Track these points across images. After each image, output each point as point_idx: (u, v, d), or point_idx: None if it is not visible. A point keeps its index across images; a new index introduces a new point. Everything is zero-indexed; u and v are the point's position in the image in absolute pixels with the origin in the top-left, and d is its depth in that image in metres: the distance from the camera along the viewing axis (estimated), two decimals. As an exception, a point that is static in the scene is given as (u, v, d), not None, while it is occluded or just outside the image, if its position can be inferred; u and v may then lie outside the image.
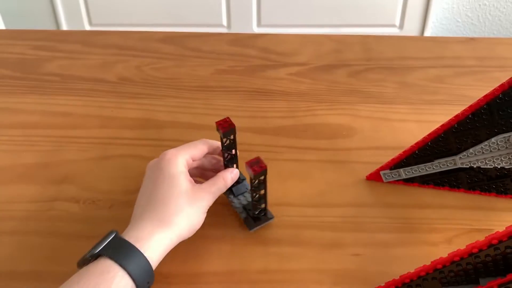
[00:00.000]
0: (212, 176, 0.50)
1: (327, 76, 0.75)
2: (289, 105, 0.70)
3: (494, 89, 0.47)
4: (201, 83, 0.74)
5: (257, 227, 0.51)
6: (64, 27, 1.71)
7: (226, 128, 0.49)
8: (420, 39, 0.99)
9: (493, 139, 0.50)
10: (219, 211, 0.54)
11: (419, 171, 0.55)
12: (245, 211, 0.52)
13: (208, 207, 0.47)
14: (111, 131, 0.64)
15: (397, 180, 0.56)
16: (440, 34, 1.73)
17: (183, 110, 0.69)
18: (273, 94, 0.72)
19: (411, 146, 0.53)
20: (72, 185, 0.57)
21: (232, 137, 0.50)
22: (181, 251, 0.50)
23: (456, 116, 0.50)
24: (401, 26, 1.68)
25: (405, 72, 0.77)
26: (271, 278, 0.47)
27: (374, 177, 0.57)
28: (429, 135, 0.52)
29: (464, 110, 0.49)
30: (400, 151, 0.55)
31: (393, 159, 0.55)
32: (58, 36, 0.88)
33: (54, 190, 0.56)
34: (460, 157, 0.52)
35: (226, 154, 0.52)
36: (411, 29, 1.68)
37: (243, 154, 0.61)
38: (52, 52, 0.82)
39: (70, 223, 0.52)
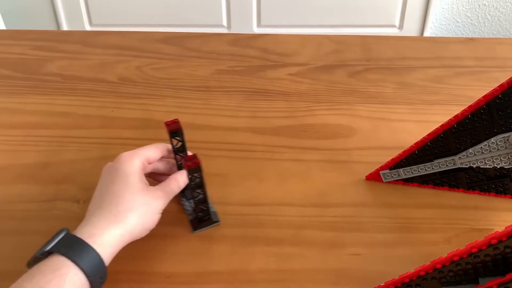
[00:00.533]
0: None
1: (326, 76, 0.76)
2: (289, 105, 0.70)
3: (494, 89, 0.47)
4: (201, 83, 0.74)
5: (201, 229, 0.51)
6: (64, 27, 1.71)
7: (173, 128, 0.50)
8: (420, 40, 0.99)
9: (492, 139, 0.50)
10: (218, 210, 0.54)
11: (419, 171, 0.55)
12: (194, 213, 0.52)
13: (162, 209, 0.48)
14: (111, 131, 0.64)
15: (397, 180, 0.56)
16: (439, 35, 1.73)
17: (183, 110, 0.69)
18: (273, 94, 0.72)
19: (411, 146, 0.53)
20: (72, 185, 0.57)
21: (180, 138, 0.51)
22: (182, 251, 0.50)
23: (456, 116, 0.50)
24: (400, 27, 1.68)
25: (405, 72, 0.77)
26: (271, 278, 0.47)
27: (374, 177, 0.57)
28: (428, 135, 0.52)
29: (464, 110, 0.49)
30: (399, 151, 0.55)
31: (392, 159, 0.55)
32: (58, 36, 0.88)
33: (54, 190, 0.56)
34: (460, 157, 0.52)
35: (178, 157, 0.52)
36: (410, 29, 1.68)
37: (243, 154, 0.61)
38: (52, 52, 0.82)
39: (70, 223, 0.52)
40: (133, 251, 0.49)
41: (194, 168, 0.46)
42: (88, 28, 1.70)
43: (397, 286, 0.42)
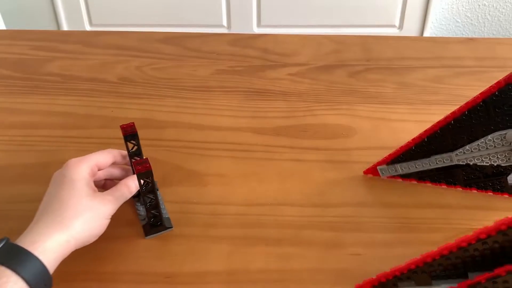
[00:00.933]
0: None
1: (326, 76, 0.76)
2: (289, 105, 0.70)
3: (491, 86, 0.47)
4: (201, 83, 0.74)
5: (153, 235, 0.51)
6: (64, 27, 1.71)
7: (128, 132, 0.50)
8: (420, 40, 0.99)
9: (489, 137, 0.49)
10: (219, 211, 0.54)
11: (416, 167, 0.55)
12: (147, 218, 0.51)
13: (111, 214, 0.47)
14: (111, 131, 0.64)
15: (394, 176, 0.56)
16: (439, 35, 1.73)
17: (183, 110, 0.69)
18: (273, 94, 0.72)
19: (408, 142, 0.54)
20: (72, 185, 0.57)
21: (136, 142, 0.51)
22: (182, 251, 0.50)
23: (453, 113, 0.50)
24: (400, 27, 1.68)
25: (405, 73, 0.77)
26: (271, 278, 0.47)
27: (371, 172, 0.57)
28: (425, 131, 0.52)
29: (461, 107, 0.49)
30: (399, 151, 0.55)
31: (390, 154, 0.55)
32: (58, 36, 0.88)
33: (54, 190, 0.56)
34: (457, 154, 0.52)
35: (133, 161, 0.52)
36: (410, 29, 1.68)
37: (243, 154, 0.61)
38: (52, 52, 0.82)
39: (70, 223, 0.52)
40: (132, 251, 0.49)
41: (144, 172, 0.45)
42: (88, 28, 1.70)
43: (388, 279, 0.42)
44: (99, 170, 0.50)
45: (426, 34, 1.68)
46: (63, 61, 0.80)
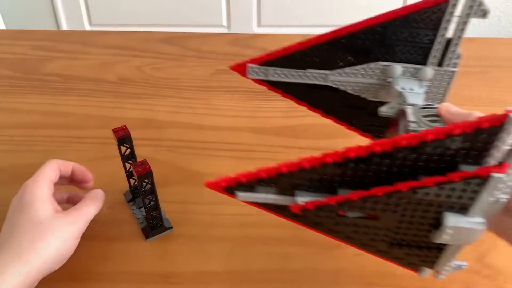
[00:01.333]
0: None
1: (327, 76, 0.75)
2: (289, 105, 0.69)
3: (397, 9, 0.43)
4: (201, 83, 0.74)
5: (153, 237, 0.51)
6: (64, 27, 1.71)
7: (121, 135, 0.49)
8: (420, 39, 0.99)
9: (371, 65, 0.46)
10: (219, 211, 0.54)
11: (289, 76, 0.49)
12: (146, 221, 0.51)
13: (80, 232, 0.44)
14: (111, 131, 0.64)
15: (262, 80, 0.50)
16: (440, 34, 1.73)
17: (183, 110, 0.69)
18: (273, 94, 0.72)
19: (293, 45, 0.47)
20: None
21: (129, 145, 0.50)
22: (182, 251, 0.50)
23: (349, 26, 0.45)
24: (401, 26, 1.67)
25: (405, 72, 0.77)
26: (272, 278, 0.47)
27: (239, 69, 0.50)
28: (315, 38, 0.46)
29: (360, 22, 0.45)
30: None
31: (267, 54, 0.48)
32: (58, 36, 0.88)
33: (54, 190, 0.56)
34: (333, 74, 0.47)
35: (127, 164, 0.51)
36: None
37: (243, 154, 0.61)
38: (52, 52, 0.82)
39: (70, 223, 0.52)
40: (132, 251, 0.49)
41: (144, 174, 0.45)
42: (88, 28, 1.70)
43: (249, 180, 0.38)
44: (53, 185, 0.47)
45: (426, 34, 1.68)
46: (63, 61, 0.80)
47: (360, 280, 0.47)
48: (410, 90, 0.44)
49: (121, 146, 0.50)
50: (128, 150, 0.51)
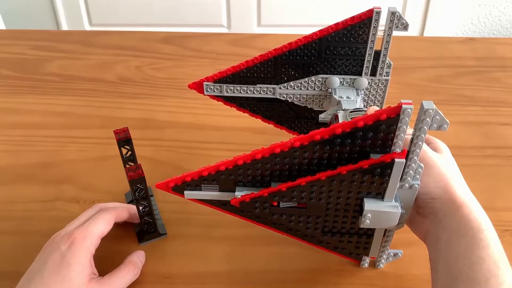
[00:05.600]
0: None
1: (327, 76, 0.75)
2: (289, 105, 0.69)
3: (329, 26, 0.48)
4: (201, 83, 0.74)
5: (146, 242, 0.50)
6: (64, 27, 1.70)
7: (122, 137, 0.49)
8: (420, 39, 0.99)
9: (312, 78, 0.50)
10: (219, 211, 0.54)
11: (241, 92, 0.53)
12: (140, 225, 0.50)
13: None
14: (111, 131, 0.64)
15: (218, 96, 0.54)
16: (440, 34, 1.73)
17: (183, 110, 0.69)
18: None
19: (240, 63, 0.51)
20: (72, 185, 0.57)
21: (130, 147, 0.50)
22: (182, 251, 0.50)
23: (290, 43, 0.49)
24: (401, 26, 1.67)
25: (405, 72, 0.77)
26: (272, 278, 0.47)
27: (196, 87, 0.54)
28: (260, 56, 0.51)
29: (298, 39, 0.49)
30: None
31: (220, 72, 0.52)
32: (58, 36, 0.88)
33: (54, 190, 0.56)
34: (280, 87, 0.52)
35: (128, 166, 0.51)
36: (411, 29, 1.68)
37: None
38: (52, 52, 0.82)
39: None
40: (132, 251, 0.49)
41: (137, 179, 0.45)
42: (88, 28, 1.70)
43: (194, 178, 0.41)
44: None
45: (427, 33, 1.68)
46: (63, 61, 0.80)
47: (361, 280, 0.47)
48: (347, 98, 0.49)
49: (122, 148, 0.50)
50: (129, 152, 0.51)
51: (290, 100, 0.52)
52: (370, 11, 0.47)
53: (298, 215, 0.42)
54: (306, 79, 0.50)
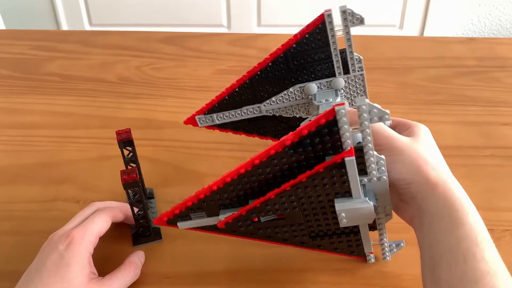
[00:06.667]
0: None
1: (327, 76, 0.75)
2: (289, 105, 0.69)
3: (289, 39, 0.49)
4: (201, 83, 0.74)
5: (140, 245, 0.50)
6: (64, 27, 1.71)
7: (124, 138, 0.49)
8: (420, 39, 0.99)
9: (291, 89, 0.51)
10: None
11: (230, 117, 0.55)
12: (137, 228, 0.50)
13: None
14: (111, 131, 0.64)
15: (211, 126, 0.57)
16: (440, 34, 1.73)
17: (183, 110, 0.69)
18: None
19: (222, 92, 0.54)
20: (72, 185, 0.57)
21: (132, 148, 0.50)
22: (182, 251, 0.50)
23: (259, 63, 0.51)
24: (401, 26, 1.68)
25: (405, 72, 0.77)
26: (272, 278, 0.47)
27: (191, 122, 0.57)
28: (237, 81, 0.53)
29: (266, 58, 0.51)
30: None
31: (207, 104, 0.56)
32: (58, 36, 0.88)
33: (54, 190, 0.56)
34: (264, 105, 0.53)
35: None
36: (411, 29, 1.68)
37: (243, 154, 0.61)
38: (52, 52, 0.82)
39: (70, 223, 0.52)
40: (131, 251, 0.49)
41: (131, 182, 0.44)
42: (88, 28, 1.70)
43: (181, 210, 0.43)
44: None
45: (427, 33, 1.68)
46: (63, 61, 0.80)
47: (361, 280, 0.47)
48: (325, 101, 0.50)
49: (123, 149, 0.50)
50: (131, 154, 0.51)
51: (278, 114, 0.54)
52: (321, 16, 0.48)
53: (281, 225, 0.43)
54: (285, 92, 0.52)
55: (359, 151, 0.38)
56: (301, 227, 0.43)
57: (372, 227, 0.44)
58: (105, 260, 0.47)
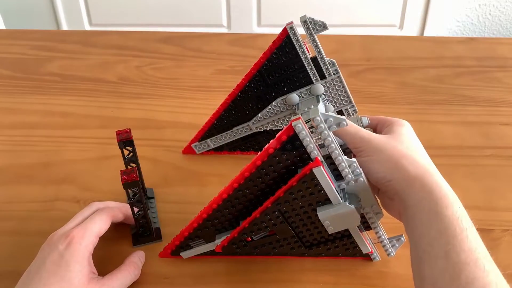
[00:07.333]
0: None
1: (327, 76, 0.75)
2: (289, 105, 0.69)
3: (260, 57, 0.51)
4: (201, 83, 0.74)
5: (140, 245, 0.50)
6: (64, 27, 1.70)
7: (124, 138, 0.49)
8: (420, 39, 0.99)
9: (273, 103, 0.53)
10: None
11: (224, 139, 0.58)
12: (137, 228, 0.50)
13: None
14: (111, 131, 0.64)
15: (208, 151, 0.60)
16: (440, 34, 1.73)
17: (183, 110, 0.69)
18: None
19: (210, 117, 0.57)
20: (72, 185, 0.57)
21: (132, 148, 0.50)
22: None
23: (238, 85, 0.53)
24: (401, 26, 1.67)
25: (405, 72, 0.77)
26: (272, 278, 0.47)
27: (189, 151, 0.60)
28: (221, 105, 0.55)
29: (243, 79, 0.53)
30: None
31: (199, 132, 0.59)
32: (58, 36, 0.88)
33: (54, 190, 0.56)
34: (253, 122, 0.55)
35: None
36: (411, 29, 1.68)
37: (243, 154, 0.61)
38: (52, 52, 0.82)
39: (70, 223, 0.52)
40: (131, 251, 0.49)
41: (131, 182, 0.44)
42: (88, 28, 1.70)
43: (181, 240, 0.46)
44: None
45: (427, 33, 1.68)
46: (63, 61, 0.80)
47: (360, 280, 0.47)
48: (307, 109, 0.51)
49: (123, 149, 0.50)
50: (131, 154, 0.51)
51: (268, 128, 0.56)
52: (284, 30, 0.50)
53: (275, 241, 0.44)
54: (269, 107, 0.53)
55: (330, 158, 0.39)
56: (294, 239, 0.44)
57: (367, 227, 0.44)
58: (105, 260, 0.47)
